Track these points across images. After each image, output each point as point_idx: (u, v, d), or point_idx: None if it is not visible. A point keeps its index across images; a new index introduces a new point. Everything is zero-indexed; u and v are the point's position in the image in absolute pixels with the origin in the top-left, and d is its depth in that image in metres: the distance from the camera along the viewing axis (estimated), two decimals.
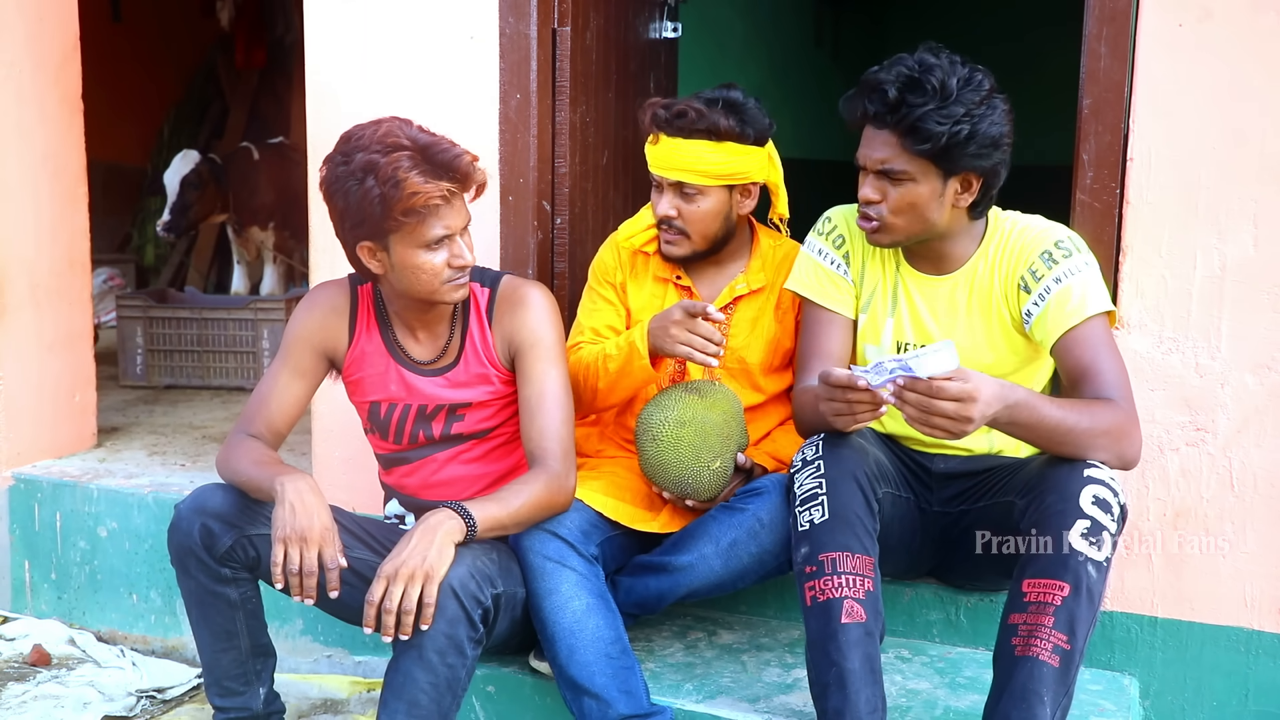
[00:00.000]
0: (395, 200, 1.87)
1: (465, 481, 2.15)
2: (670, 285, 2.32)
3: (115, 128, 5.06)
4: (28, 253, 3.06)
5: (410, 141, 1.89)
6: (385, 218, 1.89)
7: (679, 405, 2.07)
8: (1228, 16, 2.05)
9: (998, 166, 1.90)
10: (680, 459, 2.05)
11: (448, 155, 1.90)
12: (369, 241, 1.95)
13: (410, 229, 1.92)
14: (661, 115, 2.18)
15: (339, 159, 1.92)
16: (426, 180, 1.87)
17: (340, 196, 1.91)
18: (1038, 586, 1.75)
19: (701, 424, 2.05)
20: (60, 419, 3.21)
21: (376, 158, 1.87)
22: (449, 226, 1.94)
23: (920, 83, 1.84)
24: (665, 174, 2.20)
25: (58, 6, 3.10)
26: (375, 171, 1.86)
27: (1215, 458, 2.15)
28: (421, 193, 1.87)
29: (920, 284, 2.06)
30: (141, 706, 2.59)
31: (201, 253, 5.95)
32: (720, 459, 2.06)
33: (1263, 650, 2.17)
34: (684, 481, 2.06)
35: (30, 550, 3.03)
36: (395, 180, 1.86)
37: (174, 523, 1.99)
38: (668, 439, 2.05)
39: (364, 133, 1.92)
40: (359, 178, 1.88)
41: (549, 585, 1.98)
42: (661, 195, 2.24)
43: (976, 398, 1.66)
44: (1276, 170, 2.06)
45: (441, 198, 1.90)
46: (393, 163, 1.86)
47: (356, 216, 1.91)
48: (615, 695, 1.94)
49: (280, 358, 2.12)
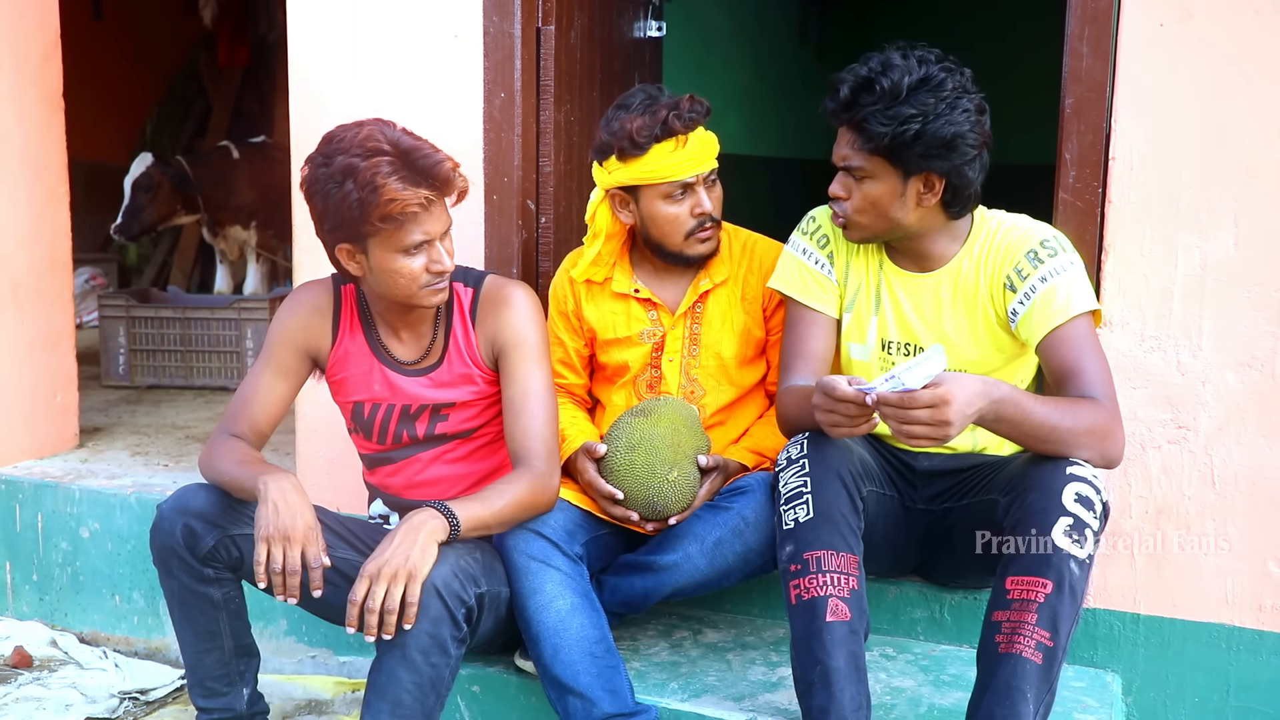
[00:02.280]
0: (373, 206, 1.85)
1: (449, 481, 2.15)
2: (631, 300, 2.31)
3: (97, 126, 5.04)
4: (8, 252, 3.04)
5: (391, 146, 1.88)
6: (363, 222, 1.88)
7: (625, 432, 2.09)
8: (1209, 16, 2.07)
9: (961, 167, 1.90)
10: (639, 482, 2.05)
11: (428, 161, 1.89)
12: (348, 244, 1.95)
13: (388, 234, 1.90)
14: (678, 118, 2.14)
15: (320, 160, 1.91)
16: (405, 187, 1.86)
17: (320, 198, 1.90)
18: (1021, 584, 1.76)
19: (649, 441, 2.06)
20: (42, 419, 3.19)
21: (356, 161, 1.85)
22: (428, 232, 1.93)
23: (872, 83, 1.87)
24: (701, 169, 2.19)
25: (38, 4, 3.07)
26: (354, 175, 1.85)
27: (1197, 455, 2.17)
28: (399, 199, 1.85)
29: (904, 282, 2.07)
30: (124, 708, 2.57)
31: (184, 252, 5.93)
32: (675, 468, 2.06)
33: (1243, 646, 2.18)
34: (651, 502, 2.07)
35: (11, 551, 3.01)
36: (374, 186, 1.84)
37: (156, 523, 1.98)
38: (622, 468, 2.07)
39: (345, 134, 1.90)
40: (338, 180, 1.86)
41: (533, 584, 1.98)
42: (692, 194, 2.20)
43: (950, 400, 1.66)
44: (1257, 169, 2.07)
45: (419, 205, 1.88)
46: (372, 168, 1.85)
47: (335, 219, 1.90)
48: (600, 694, 1.94)
49: (263, 357, 2.12)
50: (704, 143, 2.19)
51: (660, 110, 2.14)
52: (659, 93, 2.20)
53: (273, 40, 5.86)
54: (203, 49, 6.29)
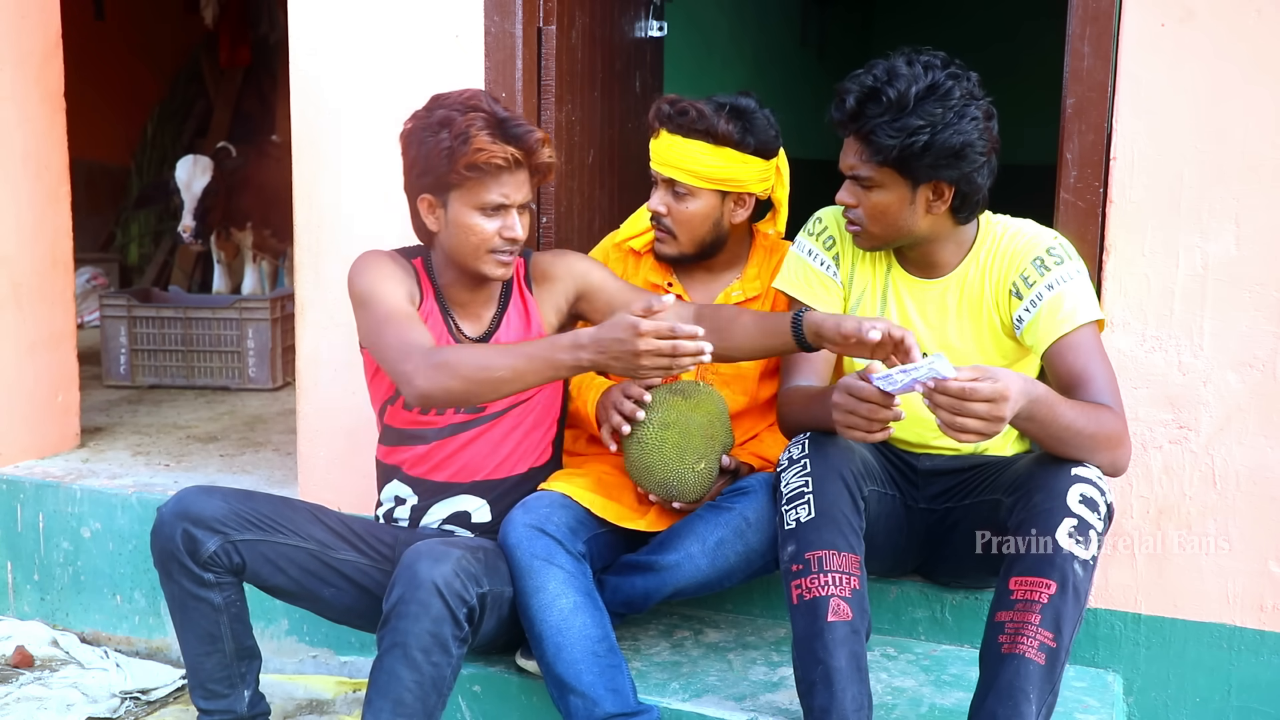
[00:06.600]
0: (462, 155, 1.95)
1: (477, 463, 2.13)
2: (662, 292, 2.31)
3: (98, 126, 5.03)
4: (9, 252, 3.04)
5: (488, 109, 2.00)
6: (450, 170, 1.97)
7: (663, 408, 2.07)
8: (1210, 16, 2.06)
9: (970, 175, 1.90)
10: (665, 461, 2.05)
11: (520, 129, 1.99)
12: (430, 195, 2.03)
13: (471, 187, 1.98)
14: (665, 110, 2.19)
15: (423, 113, 2.03)
16: (494, 141, 1.96)
17: (415, 145, 2.01)
18: (1025, 584, 1.76)
19: (685, 426, 2.05)
20: (43, 419, 3.19)
21: (454, 114, 1.98)
22: (506, 195, 2.00)
23: (879, 93, 1.85)
24: (660, 169, 2.21)
25: (39, 4, 3.07)
26: (450, 126, 1.96)
27: (1198, 455, 2.17)
28: (486, 150, 1.95)
29: (911, 287, 2.07)
30: (125, 708, 2.57)
31: (185, 252, 5.92)
32: (705, 460, 2.06)
33: (1244, 646, 2.18)
34: (669, 484, 2.06)
35: (13, 551, 3.01)
36: (466, 136, 1.95)
37: (156, 526, 1.98)
38: (652, 442, 2.05)
39: (450, 95, 2.03)
40: (434, 130, 1.98)
41: (536, 583, 1.98)
42: (655, 191, 2.25)
43: (1008, 396, 1.66)
44: (1258, 169, 2.07)
45: (504, 160, 1.96)
46: (467, 121, 1.96)
47: (424, 165, 2.00)
48: (602, 694, 1.94)
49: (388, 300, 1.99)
50: (671, 149, 2.17)
51: (683, 101, 2.18)
52: (732, 99, 2.20)
53: (274, 40, 5.85)
54: (204, 49, 6.28)
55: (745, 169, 2.19)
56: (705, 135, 2.15)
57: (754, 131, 2.17)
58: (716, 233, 2.25)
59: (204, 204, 4.56)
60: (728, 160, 2.17)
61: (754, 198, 2.26)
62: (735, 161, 2.17)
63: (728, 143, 2.16)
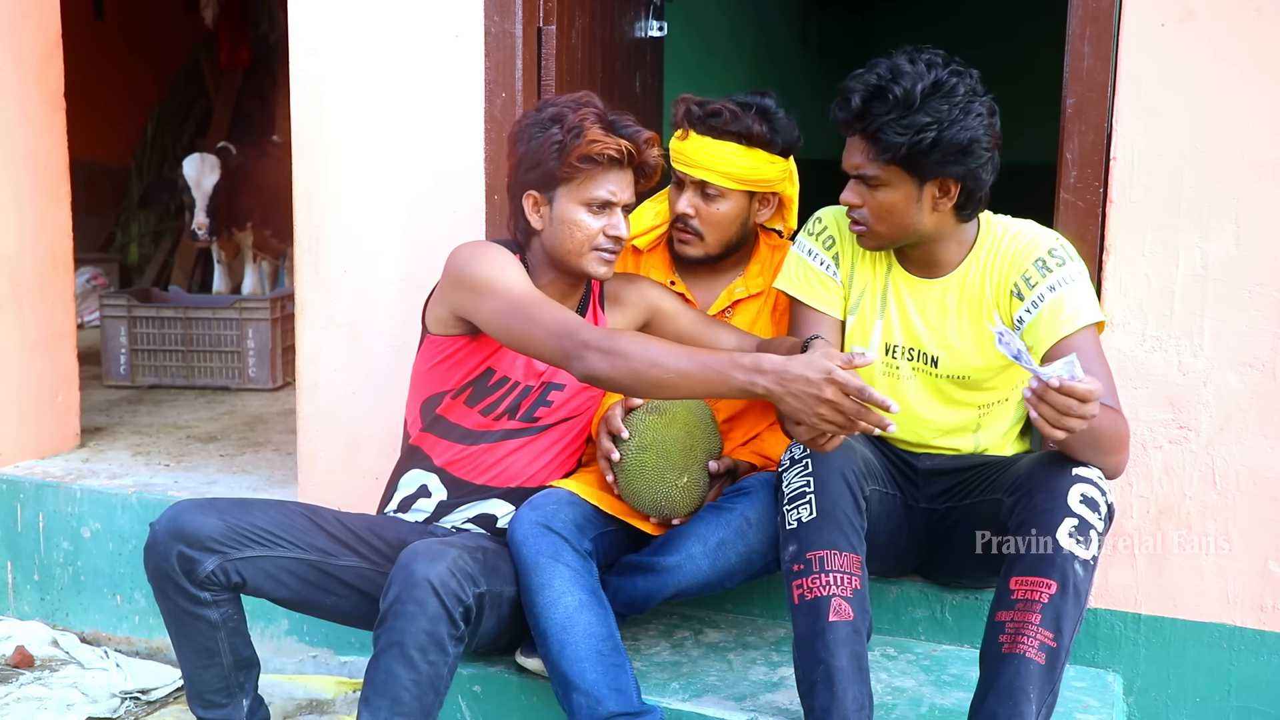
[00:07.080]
0: (575, 147, 1.97)
1: (516, 470, 2.13)
2: (664, 288, 2.31)
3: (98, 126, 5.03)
4: (9, 252, 3.04)
5: (600, 107, 2.03)
6: (560, 164, 1.99)
7: (639, 431, 2.06)
8: (1210, 16, 2.07)
9: (976, 171, 1.90)
10: (648, 485, 2.04)
11: (630, 129, 2.02)
12: (536, 191, 2.03)
13: (580, 181, 2.00)
14: (695, 112, 2.17)
15: (534, 112, 2.07)
16: (607, 134, 1.99)
17: (524, 142, 2.03)
18: (1025, 584, 1.76)
19: (662, 444, 2.04)
20: (43, 419, 3.19)
21: (566, 110, 2.01)
22: (614, 193, 2.02)
23: (884, 91, 1.85)
24: (691, 171, 2.19)
25: (39, 4, 3.07)
26: (562, 121, 1.99)
27: (1198, 455, 2.17)
28: (600, 141, 1.97)
29: (911, 286, 2.07)
30: (125, 708, 2.57)
31: (185, 252, 5.92)
32: (686, 474, 2.06)
33: (1244, 646, 2.18)
34: (658, 505, 2.06)
35: (13, 551, 3.01)
36: (579, 130, 1.98)
37: (150, 544, 1.93)
38: (633, 467, 2.05)
39: (560, 96, 2.09)
40: (545, 125, 2.01)
41: (542, 580, 1.98)
42: (682, 192, 2.23)
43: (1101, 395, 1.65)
44: (1258, 169, 2.07)
45: (616, 153, 1.98)
46: (580, 116, 1.99)
47: (533, 160, 2.01)
48: (605, 692, 1.94)
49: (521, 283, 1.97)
50: (704, 151, 2.16)
51: (713, 102, 2.17)
52: (756, 99, 2.18)
53: (274, 40, 5.85)
54: (204, 49, 6.28)
55: (773, 169, 2.20)
56: (738, 137, 2.15)
57: (780, 131, 2.18)
58: (742, 232, 2.25)
59: (214, 201, 4.56)
60: (759, 161, 2.17)
61: (778, 197, 2.27)
62: (765, 162, 2.18)
63: (760, 144, 2.16)
